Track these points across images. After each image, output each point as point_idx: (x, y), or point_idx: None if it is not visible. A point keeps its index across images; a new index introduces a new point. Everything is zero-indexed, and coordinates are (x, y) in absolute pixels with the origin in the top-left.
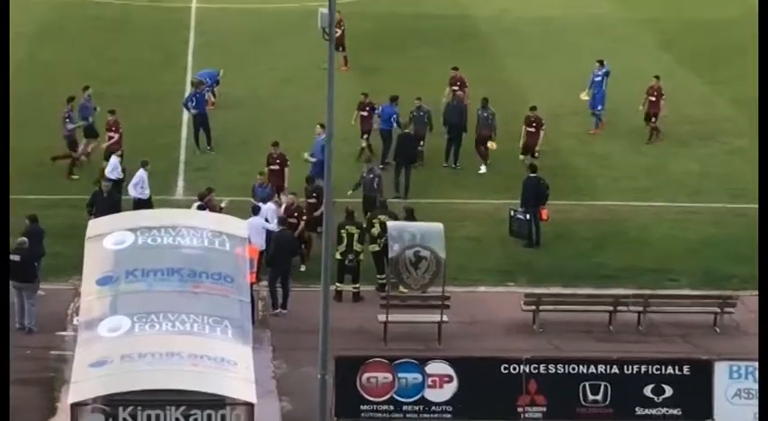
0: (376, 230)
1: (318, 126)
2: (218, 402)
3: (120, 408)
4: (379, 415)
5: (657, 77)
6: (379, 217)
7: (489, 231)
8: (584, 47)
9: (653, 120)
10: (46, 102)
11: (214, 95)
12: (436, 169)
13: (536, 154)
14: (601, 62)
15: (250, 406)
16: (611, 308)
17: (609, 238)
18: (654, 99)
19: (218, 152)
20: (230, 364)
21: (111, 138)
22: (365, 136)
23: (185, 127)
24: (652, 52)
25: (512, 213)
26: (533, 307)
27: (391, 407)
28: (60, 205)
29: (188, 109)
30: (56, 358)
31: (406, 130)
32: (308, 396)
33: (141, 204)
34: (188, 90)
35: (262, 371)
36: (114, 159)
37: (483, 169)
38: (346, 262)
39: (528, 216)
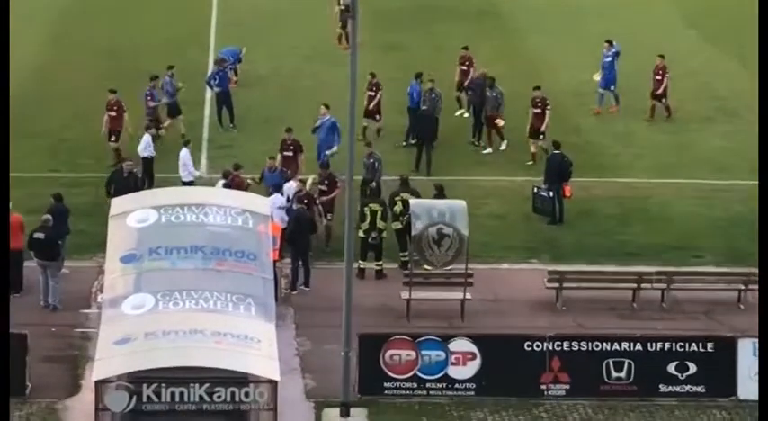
0: (398, 208)
1: (323, 107)
2: (241, 379)
3: (145, 385)
4: (403, 392)
5: (662, 56)
6: (402, 194)
7: (512, 208)
8: (609, 24)
9: (664, 99)
10: (71, 79)
11: (236, 73)
12: (460, 147)
13: (542, 135)
14: (609, 42)
15: (273, 383)
16: (634, 285)
17: (632, 215)
18: (659, 78)
19: (241, 130)
20: (253, 342)
21: (111, 117)
22: (377, 116)
23: (208, 105)
24: (678, 30)
25: (535, 190)
26: (557, 284)
27: (414, 385)
28: (85, 183)
29: (211, 87)
30: (80, 336)
31: (424, 107)
32: (332, 373)
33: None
34: (211, 68)
35: (285, 348)
36: (147, 137)
37: (503, 146)
38: (369, 239)
39: (551, 193)
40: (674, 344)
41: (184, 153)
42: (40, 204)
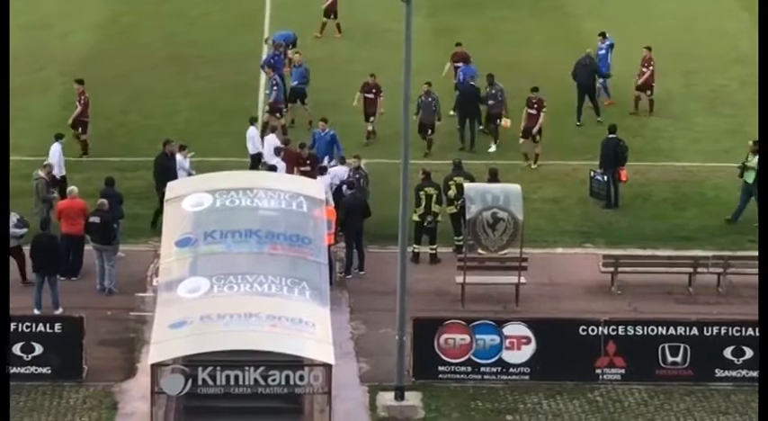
0: (452, 192)
1: (321, 122)
2: (296, 363)
3: (200, 369)
4: (457, 376)
5: (649, 48)
6: (455, 178)
7: (567, 193)
8: (664, 7)
9: (648, 93)
10: (127, 64)
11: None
12: (514, 132)
13: (537, 138)
14: (603, 35)
15: (328, 367)
16: (690, 269)
17: (688, 199)
18: (644, 70)
19: (295, 114)
20: (308, 325)
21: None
22: (371, 119)
23: (262, 88)
24: (733, 11)
25: (591, 174)
26: (612, 268)
27: (469, 369)
28: (141, 167)
29: (265, 71)
30: (135, 319)
31: (471, 83)
32: (386, 357)
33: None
34: (265, 52)
35: (339, 332)
36: (253, 130)
37: (493, 148)
38: (425, 223)
39: (606, 177)
40: (730, 328)
41: (271, 138)
42: (96, 189)
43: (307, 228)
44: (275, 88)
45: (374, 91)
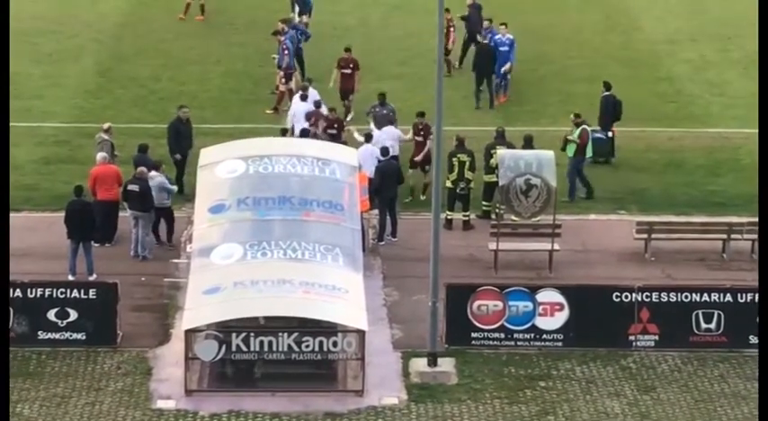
0: (494, 161)
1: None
2: (329, 329)
3: (234, 335)
4: (490, 342)
5: (447, 10)
6: (498, 147)
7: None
8: None
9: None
10: (161, 30)
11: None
12: (546, 97)
13: (426, 167)
14: (505, 25)
15: (361, 333)
16: (724, 236)
17: (722, 166)
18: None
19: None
20: (341, 292)
21: None
22: (351, 97)
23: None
24: None
25: (592, 135)
26: (645, 235)
27: (502, 335)
28: None
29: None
30: (169, 285)
31: (484, 41)
32: (419, 323)
33: None
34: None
35: (373, 298)
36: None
37: None
38: (457, 190)
39: (608, 134)
40: None
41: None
42: (129, 155)
43: (340, 194)
44: (286, 53)
45: (351, 66)
